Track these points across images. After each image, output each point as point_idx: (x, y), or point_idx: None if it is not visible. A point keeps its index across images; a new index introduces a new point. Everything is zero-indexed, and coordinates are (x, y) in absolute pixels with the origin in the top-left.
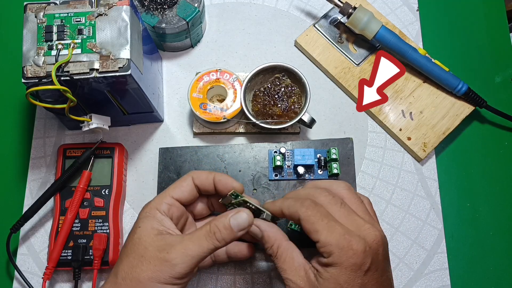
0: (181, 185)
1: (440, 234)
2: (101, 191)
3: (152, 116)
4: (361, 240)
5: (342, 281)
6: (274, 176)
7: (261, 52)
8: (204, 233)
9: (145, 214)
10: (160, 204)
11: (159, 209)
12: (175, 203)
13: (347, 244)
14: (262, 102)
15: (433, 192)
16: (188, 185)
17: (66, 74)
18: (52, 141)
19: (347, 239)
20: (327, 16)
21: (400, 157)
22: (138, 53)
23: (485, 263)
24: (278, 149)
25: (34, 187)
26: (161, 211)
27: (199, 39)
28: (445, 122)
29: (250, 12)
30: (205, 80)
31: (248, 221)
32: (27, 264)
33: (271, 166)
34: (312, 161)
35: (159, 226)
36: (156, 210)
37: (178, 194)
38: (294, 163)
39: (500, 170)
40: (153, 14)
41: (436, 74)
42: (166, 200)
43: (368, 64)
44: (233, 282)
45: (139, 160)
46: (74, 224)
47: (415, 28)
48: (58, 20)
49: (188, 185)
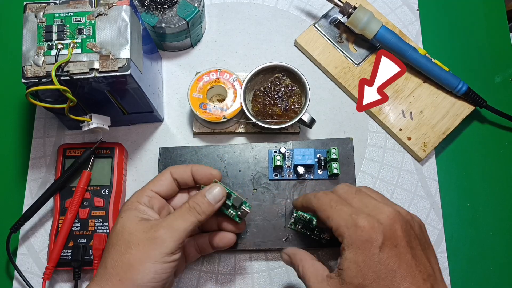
0: (159, 179)
1: (440, 234)
2: (101, 191)
3: (152, 116)
4: (368, 217)
5: (359, 261)
6: (274, 176)
7: (261, 52)
8: (186, 209)
9: (126, 207)
10: (141, 197)
11: (140, 201)
12: (155, 196)
13: (354, 222)
14: (262, 102)
15: (433, 192)
16: (166, 178)
17: (66, 74)
18: (52, 141)
19: (354, 218)
20: (327, 16)
21: (400, 157)
22: (138, 53)
23: (485, 263)
24: (278, 149)
25: (34, 187)
26: (142, 203)
27: (199, 39)
28: (445, 122)
29: (250, 12)
30: (205, 80)
31: (221, 193)
32: (27, 264)
33: (271, 166)
34: (312, 161)
35: (141, 215)
36: (137, 202)
37: (157, 187)
38: (294, 163)
39: (500, 170)
40: (153, 14)
41: (436, 74)
42: (146, 193)
43: (368, 64)
44: (233, 282)
45: (139, 160)
46: (74, 224)
47: (415, 28)
48: (58, 20)
49: (167, 179)
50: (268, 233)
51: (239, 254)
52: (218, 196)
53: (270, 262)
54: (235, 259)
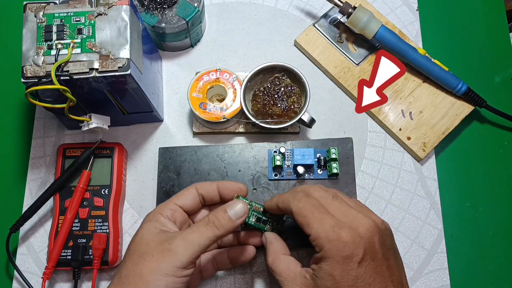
0: (184, 193)
1: (440, 233)
2: (100, 190)
3: (152, 116)
4: (351, 231)
5: (336, 275)
6: (274, 175)
7: (261, 52)
8: (204, 223)
9: (148, 218)
10: (163, 210)
11: (162, 213)
12: (178, 209)
13: (336, 236)
14: (261, 101)
15: (432, 192)
16: (191, 193)
17: (65, 73)
18: (52, 141)
19: (336, 232)
20: (327, 16)
21: (399, 157)
22: (137, 53)
23: (485, 263)
24: (278, 149)
25: (33, 187)
26: (164, 215)
27: (199, 38)
28: (445, 122)
29: (250, 11)
30: (204, 80)
31: (243, 209)
32: (26, 264)
33: (271, 166)
34: (312, 161)
35: (161, 226)
36: (159, 214)
37: (181, 201)
38: (294, 163)
39: (500, 170)
40: (152, 14)
41: (435, 73)
42: (169, 206)
43: (367, 63)
44: (233, 282)
45: (138, 159)
46: (74, 223)
47: (415, 28)
48: (57, 19)
49: (191, 193)
50: None
51: None
52: (240, 212)
53: None
54: None
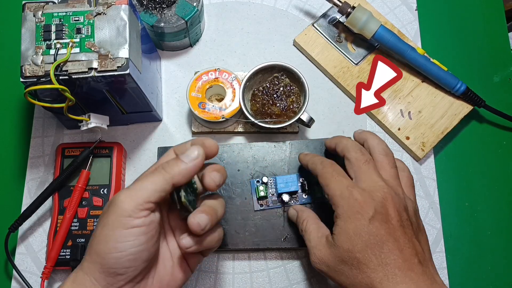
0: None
1: (439, 233)
2: (99, 190)
3: (151, 115)
4: (364, 192)
5: (350, 230)
6: (260, 206)
7: (260, 52)
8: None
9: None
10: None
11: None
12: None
13: (349, 193)
14: (260, 101)
15: (431, 192)
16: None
17: (64, 73)
18: (51, 140)
19: (350, 190)
20: (326, 16)
21: (398, 157)
22: (136, 52)
23: (484, 262)
24: (261, 178)
25: (32, 187)
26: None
27: (198, 38)
28: (444, 121)
29: (249, 11)
30: (203, 80)
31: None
32: (25, 263)
33: (255, 197)
34: (295, 187)
35: None
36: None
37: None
38: (278, 192)
39: (499, 169)
40: (151, 13)
41: (434, 73)
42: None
43: (366, 63)
44: (232, 281)
45: (137, 159)
46: (73, 223)
47: (414, 28)
48: (56, 19)
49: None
50: (267, 232)
51: (237, 254)
52: (193, 155)
53: (269, 261)
54: (234, 259)
